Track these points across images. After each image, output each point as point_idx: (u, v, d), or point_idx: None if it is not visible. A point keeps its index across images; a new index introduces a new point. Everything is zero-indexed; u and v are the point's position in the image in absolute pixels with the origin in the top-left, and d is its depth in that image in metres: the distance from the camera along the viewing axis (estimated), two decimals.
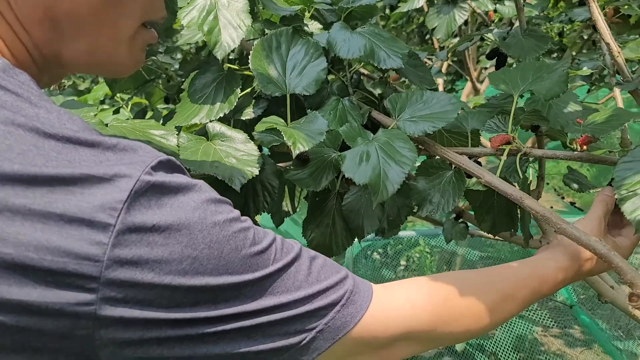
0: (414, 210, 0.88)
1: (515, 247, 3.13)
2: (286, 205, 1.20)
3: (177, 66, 1.79)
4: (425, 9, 2.16)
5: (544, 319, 2.26)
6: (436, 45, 2.36)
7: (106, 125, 0.78)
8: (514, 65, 0.89)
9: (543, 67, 0.82)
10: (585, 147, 0.78)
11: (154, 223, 0.41)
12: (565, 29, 2.36)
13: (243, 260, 0.45)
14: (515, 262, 0.65)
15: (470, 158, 0.81)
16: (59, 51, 0.48)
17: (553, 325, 2.26)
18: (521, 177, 0.75)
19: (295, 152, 0.72)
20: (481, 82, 2.34)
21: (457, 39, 2.34)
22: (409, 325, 0.55)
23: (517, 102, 0.81)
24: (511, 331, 2.20)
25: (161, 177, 0.42)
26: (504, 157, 0.77)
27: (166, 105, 1.79)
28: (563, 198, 3.88)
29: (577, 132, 0.75)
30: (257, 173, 0.77)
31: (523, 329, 2.23)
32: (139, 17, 0.51)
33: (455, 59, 2.96)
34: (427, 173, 0.82)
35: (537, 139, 1.01)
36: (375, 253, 3.15)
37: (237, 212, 0.48)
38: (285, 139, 0.73)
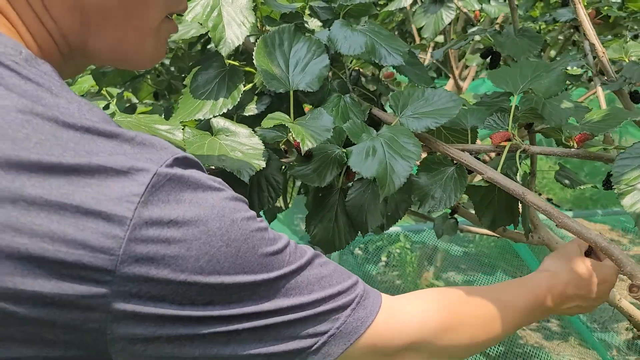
0: (416, 207, 0.90)
1: (493, 243, 3.19)
2: (279, 202, 1.20)
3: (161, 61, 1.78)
4: (408, 8, 2.19)
5: None
6: (417, 42, 2.39)
7: None
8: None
9: (541, 66, 0.84)
10: (581, 144, 0.80)
11: (171, 218, 0.41)
12: (541, 29, 2.42)
13: (259, 260, 0.45)
14: (509, 281, 0.68)
15: (470, 154, 0.83)
16: (86, 42, 0.48)
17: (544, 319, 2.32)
18: (521, 173, 0.77)
19: (304, 149, 0.73)
20: (463, 79, 2.38)
21: (439, 37, 2.37)
22: (418, 334, 0.56)
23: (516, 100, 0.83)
24: None
25: (180, 171, 0.42)
26: (504, 154, 0.79)
27: (145, 101, 1.77)
28: (540, 195, 3.97)
29: (576, 130, 0.77)
30: (265, 165, 0.77)
31: None
32: (164, 9, 0.51)
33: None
34: (429, 169, 0.83)
35: (529, 136, 1.04)
36: (357, 249, 3.17)
37: (253, 212, 0.47)
38: (294, 135, 0.74)
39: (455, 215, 1.26)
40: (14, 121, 0.38)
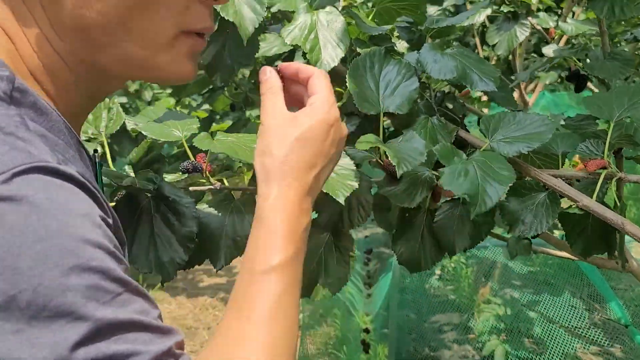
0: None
1: (550, 260, 3.09)
2: None
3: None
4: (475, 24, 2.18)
5: (598, 338, 2.24)
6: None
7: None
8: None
9: (638, 92, 0.83)
10: None
11: None
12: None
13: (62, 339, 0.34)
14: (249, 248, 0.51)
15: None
16: (95, 59, 0.47)
17: (608, 344, 2.23)
18: (619, 204, 0.76)
19: (399, 172, 0.75)
20: (529, 94, 2.34)
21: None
22: None
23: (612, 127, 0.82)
24: (562, 349, 2.20)
25: (17, 189, 0.35)
26: (600, 182, 0.79)
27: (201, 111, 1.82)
28: None
29: None
30: (357, 186, 0.79)
31: (574, 346, 2.21)
32: (174, 25, 0.48)
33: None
34: (519, 194, 0.84)
35: (617, 161, 1.02)
36: None
37: (114, 265, 0.37)
38: (390, 157, 0.75)
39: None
40: None
